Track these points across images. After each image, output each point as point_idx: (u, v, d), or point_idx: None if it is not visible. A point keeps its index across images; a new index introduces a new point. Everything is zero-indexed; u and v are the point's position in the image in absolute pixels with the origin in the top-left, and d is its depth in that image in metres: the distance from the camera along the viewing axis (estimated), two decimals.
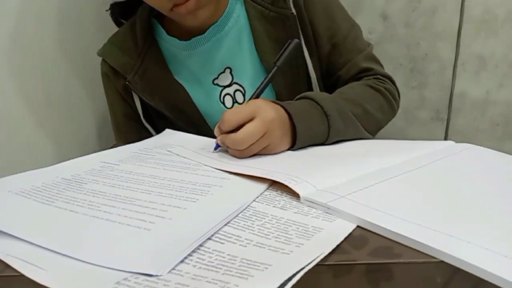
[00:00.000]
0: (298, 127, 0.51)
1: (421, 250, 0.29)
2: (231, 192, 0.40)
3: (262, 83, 0.54)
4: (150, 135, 0.68)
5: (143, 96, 0.68)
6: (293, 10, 0.65)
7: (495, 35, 0.98)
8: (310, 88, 0.69)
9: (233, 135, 0.47)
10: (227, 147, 0.49)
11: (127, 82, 0.67)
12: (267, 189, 0.40)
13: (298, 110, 0.53)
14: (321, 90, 0.70)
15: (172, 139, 0.59)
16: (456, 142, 0.53)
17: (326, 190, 0.37)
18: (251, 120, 0.48)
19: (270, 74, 0.55)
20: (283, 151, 0.51)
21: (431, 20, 0.98)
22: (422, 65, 1.02)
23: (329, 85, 0.71)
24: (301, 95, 0.58)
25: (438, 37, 0.99)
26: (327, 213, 0.35)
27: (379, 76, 0.69)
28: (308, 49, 0.67)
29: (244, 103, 0.51)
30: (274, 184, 0.41)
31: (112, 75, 0.70)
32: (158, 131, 0.69)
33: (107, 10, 0.73)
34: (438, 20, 0.98)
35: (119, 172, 0.45)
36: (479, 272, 0.26)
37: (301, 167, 0.44)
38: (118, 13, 0.74)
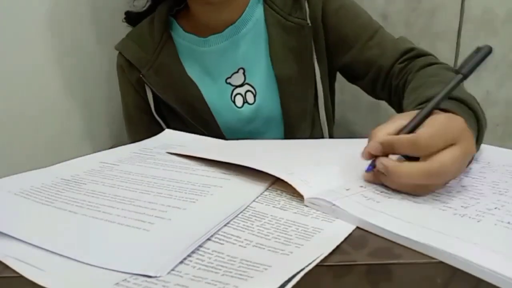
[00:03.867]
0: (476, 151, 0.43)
1: (423, 251, 0.29)
2: (231, 192, 0.39)
3: (444, 92, 0.40)
4: (160, 129, 0.71)
5: (155, 90, 0.70)
6: (309, 22, 0.67)
7: (495, 35, 0.98)
8: (316, 95, 0.71)
9: (425, 164, 0.35)
10: (384, 174, 0.37)
11: (141, 75, 0.70)
12: (267, 189, 0.40)
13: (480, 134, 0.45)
14: (326, 96, 0.72)
15: (172, 139, 0.59)
16: None
17: (329, 190, 0.37)
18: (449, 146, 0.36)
19: (453, 83, 0.40)
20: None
21: (431, 20, 0.98)
22: None
23: (373, 76, 0.68)
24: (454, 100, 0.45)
25: (438, 37, 0.99)
26: (326, 213, 0.34)
27: (433, 58, 0.63)
28: (317, 59, 0.69)
29: (428, 120, 0.38)
30: (273, 184, 0.41)
31: (127, 68, 0.73)
32: (168, 126, 0.72)
33: (123, 20, 0.77)
34: (438, 20, 0.98)
35: (119, 172, 0.45)
36: (480, 272, 0.26)
37: (304, 166, 0.43)
38: (134, 18, 0.77)
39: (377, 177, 0.38)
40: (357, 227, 0.32)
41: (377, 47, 0.67)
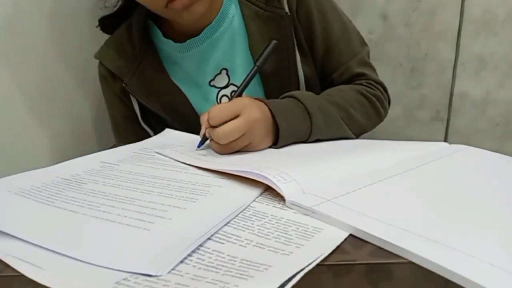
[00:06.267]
0: (281, 125, 0.53)
1: (406, 256, 0.28)
2: (231, 192, 0.39)
3: (243, 82, 0.55)
4: (149, 137, 0.68)
5: (140, 98, 0.68)
6: (287, 10, 0.65)
7: (495, 35, 0.98)
8: (299, 89, 0.68)
9: (216, 128, 0.49)
10: (210, 141, 0.51)
11: (123, 85, 0.67)
12: (267, 189, 0.40)
13: (281, 108, 0.55)
14: (312, 91, 0.68)
15: (172, 139, 0.59)
16: (456, 142, 0.53)
17: (312, 193, 0.36)
18: (236, 117, 0.50)
19: (250, 74, 0.55)
20: (266, 148, 0.54)
21: (431, 20, 0.98)
22: (422, 65, 1.02)
23: (324, 87, 0.70)
24: (286, 94, 0.59)
25: (438, 37, 0.99)
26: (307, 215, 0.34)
27: (371, 82, 0.69)
28: (299, 51, 0.67)
29: (229, 101, 0.53)
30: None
31: (110, 78, 0.70)
32: (156, 133, 0.69)
33: (96, 26, 0.72)
34: (438, 20, 0.98)
35: (119, 172, 0.45)
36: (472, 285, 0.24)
37: (290, 166, 0.42)
38: (109, 25, 0.73)
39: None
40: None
41: (335, 60, 0.69)
